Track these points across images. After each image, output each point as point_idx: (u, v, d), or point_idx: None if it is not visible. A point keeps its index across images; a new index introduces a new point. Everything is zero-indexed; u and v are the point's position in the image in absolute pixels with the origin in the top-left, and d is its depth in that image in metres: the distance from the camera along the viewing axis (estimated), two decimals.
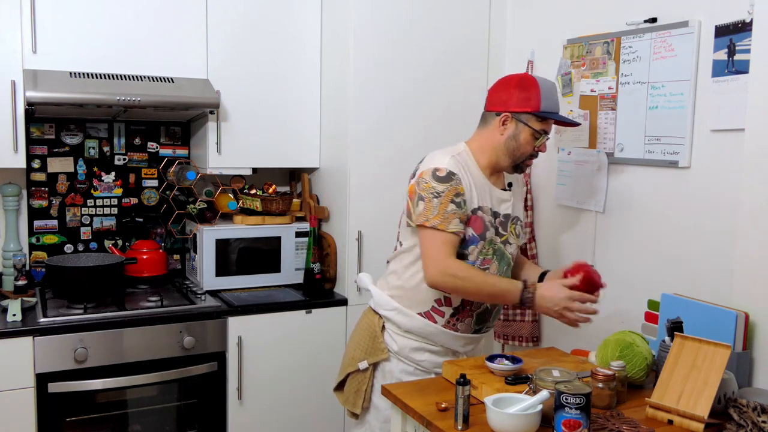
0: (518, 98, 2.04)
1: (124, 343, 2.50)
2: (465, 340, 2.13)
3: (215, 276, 2.91)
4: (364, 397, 2.12)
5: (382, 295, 2.16)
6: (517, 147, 2.05)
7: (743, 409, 1.64)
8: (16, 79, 2.55)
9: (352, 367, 2.17)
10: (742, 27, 2.04)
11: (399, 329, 2.12)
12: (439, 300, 2.07)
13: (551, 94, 2.06)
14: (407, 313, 2.09)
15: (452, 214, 1.95)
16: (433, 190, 1.97)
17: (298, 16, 3.01)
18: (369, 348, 2.14)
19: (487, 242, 2.05)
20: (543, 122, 2.04)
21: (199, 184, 3.05)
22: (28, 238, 2.95)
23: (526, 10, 2.98)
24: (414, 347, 2.11)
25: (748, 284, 1.90)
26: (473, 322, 2.11)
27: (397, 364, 2.12)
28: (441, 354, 2.13)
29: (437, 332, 2.09)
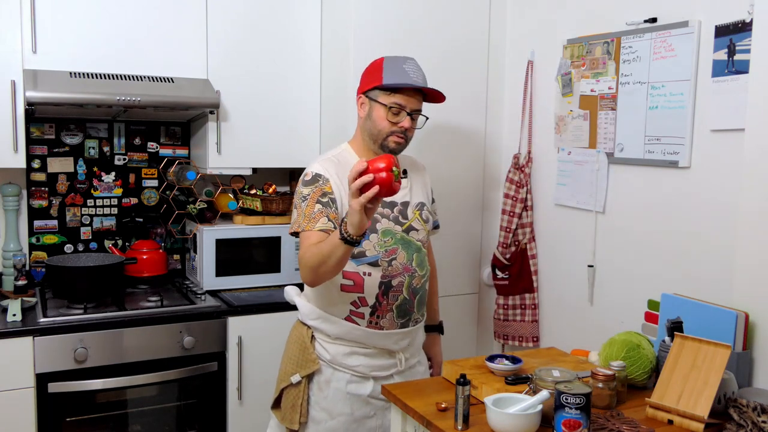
0: (366, 78, 2.09)
1: (124, 343, 2.50)
2: (396, 337, 2.09)
3: (215, 276, 2.91)
4: (300, 412, 2.09)
5: (306, 305, 2.14)
6: (373, 125, 2.06)
7: (743, 409, 1.64)
8: (16, 79, 2.55)
9: (285, 381, 2.14)
10: (742, 27, 2.04)
11: (328, 337, 2.09)
12: (354, 302, 2.05)
13: (399, 66, 2.06)
14: (332, 320, 2.07)
15: (319, 213, 1.96)
16: (300, 195, 2.02)
17: (298, 16, 3.01)
18: (300, 360, 2.11)
19: (381, 233, 2.04)
20: (392, 95, 2.03)
21: (199, 184, 3.05)
22: (28, 238, 2.95)
23: (526, 10, 2.98)
24: (346, 353, 2.08)
25: (748, 284, 1.90)
26: (395, 316, 2.07)
27: (332, 373, 2.09)
28: (376, 356, 2.10)
29: (364, 334, 2.06)
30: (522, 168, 2.93)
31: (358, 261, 2.03)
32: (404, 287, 2.07)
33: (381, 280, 2.04)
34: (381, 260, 2.04)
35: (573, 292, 2.74)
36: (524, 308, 2.94)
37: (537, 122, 2.92)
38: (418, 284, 2.10)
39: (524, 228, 2.92)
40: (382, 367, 2.11)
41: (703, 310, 1.95)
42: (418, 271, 2.10)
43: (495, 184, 3.11)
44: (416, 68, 2.10)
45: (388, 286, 2.05)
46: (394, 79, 2.04)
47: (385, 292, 2.04)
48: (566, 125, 2.73)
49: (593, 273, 2.64)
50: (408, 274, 2.07)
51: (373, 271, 2.04)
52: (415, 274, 2.09)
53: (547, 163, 2.86)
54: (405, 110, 2.04)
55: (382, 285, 2.04)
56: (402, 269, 2.06)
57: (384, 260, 2.04)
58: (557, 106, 2.78)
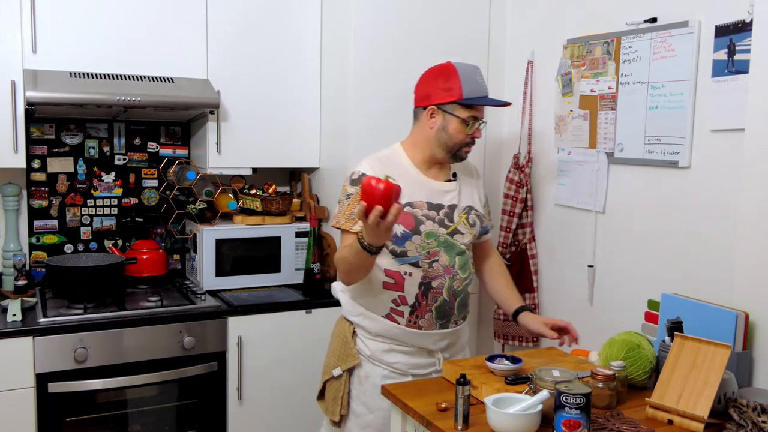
0: (441, 90, 2.06)
1: (124, 343, 2.50)
2: (434, 337, 2.11)
3: (215, 276, 2.91)
4: (341, 404, 2.13)
5: (349, 302, 2.17)
6: (449, 138, 2.07)
7: (743, 409, 1.64)
8: (16, 79, 2.55)
9: (327, 374, 2.18)
10: (742, 27, 2.04)
11: (369, 333, 2.13)
12: (395, 300, 2.07)
13: (473, 78, 2.07)
14: (373, 317, 2.11)
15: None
16: (345, 193, 2.06)
17: (298, 16, 3.01)
18: (341, 355, 2.16)
19: (425, 236, 2.05)
20: (469, 109, 2.06)
21: (199, 184, 3.05)
22: (28, 238, 2.95)
23: (526, 10, 2.98)
24: (385, 349, 2.11)
25: (748, 284, 1.90)
26: (434, 317, 2.09)
27: (371, 368, 2.12)
28: (414, 354, 2.12)
29: (402, 333, 2.09)
30: (522, 168, 2.93)
31: (401, 260, 2.06)
32: (444, 289, 2.08)
33: (421, 281, 2.06)
34: (422, 261, 2.06)
35: (573, 292, 2.74)
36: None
37: (537, 122, 2.92)
38: (459, 287, 2.11)
39: (524, 228, 2.93)
40: (420, 365, 2.13)
41: (703, 310, 1.95)
42: (459, 273, 2.10)
43: (495, 184, 3.11)
44: (483, 79, 2.12)
45: (428, 287, 2.06)
46: (474, 93, 2.05)
47: (425, 292, 2.06)
48: (566, 125, 2.73)
49: (593, 273, 2.64)
50: (449, 277, 2.08)
51: (414, 272, 2.06)
52: (457, 276, 2.10)
53: (547, 163, 2.86)
54: (478, 120, 2.08)
55: (422, 285, 2.06)
56: (443, 271, 2.08)
57: (425, 261, 2.06)
58: (557, 106, 2.78)
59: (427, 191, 2.09)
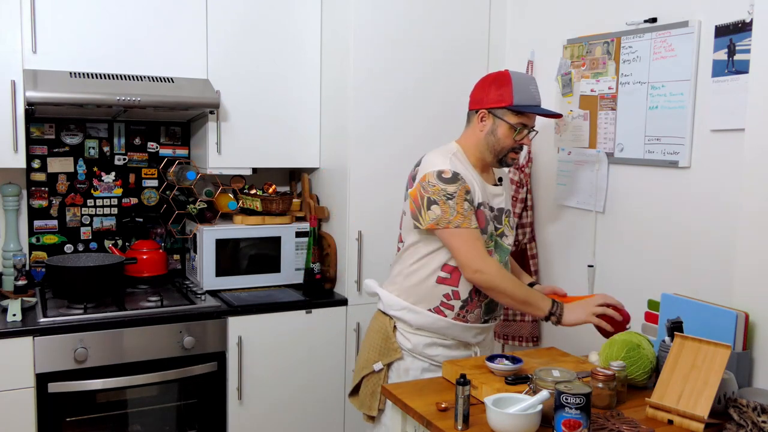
0: (493, 95, 2.11)
1: (124, 343, 2.50)
2: (476, 330, 2.17)
3: (215, 276, 2.91)
4: (380, 399, 2.15)
5: (390, 297, 2.19)
6: (497, 142, 2.12)
7: (743, 409, 1.63)
8: (16, 79, 2.55)
9: (367, 369, 2.19)
10: (742, 27, 2.04)
11: (411, 327, 2.15)
12: (447, 294, 2.11)
13: (526, 87, 2.11)
14: (417, 310, 2.13)
15: (470, 211, 2.03)
16: (444, 192, 2.03)
17: (298, 16, 3.01)
18: (382, 349, 2.18)
19: (488, 236, 2.11)
20: (519, 116, 2.10)
21: (199, 184, 3.05)
22: (28, 238, 2.95)
23: (526, 10, 2.98)
24: (427, 343, 2.14)
25: (748, 284, 1.90)
26: (482, 312, 2.15)
27: (412, 362, 2.15)
28: (454, 347, 2.17)
29: (448, 326, 2.13)
30: (522, 168, 2.93)
31: None
32: None
33: None
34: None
35: (573, 292, 2.73)
36: None
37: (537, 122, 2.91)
38: None
39: (524, 228, 2.92)
40: (458, 357, 2.16)
41: (703, 310, 1.95)
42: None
43: None
44: (538, 90, 2.16)
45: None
46: (525, 101, 2.10)
47: (478, 289, 2.10)
48: (566, 125, 2.73)
49: (593, 273, 2.64)
50: None
51: None
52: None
53: (547, 163, 2.86)
54: (529, 128, 2.13)
55: None
56: None
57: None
58: (557, 106, 2.77)
59: (485, 194, 2.14)
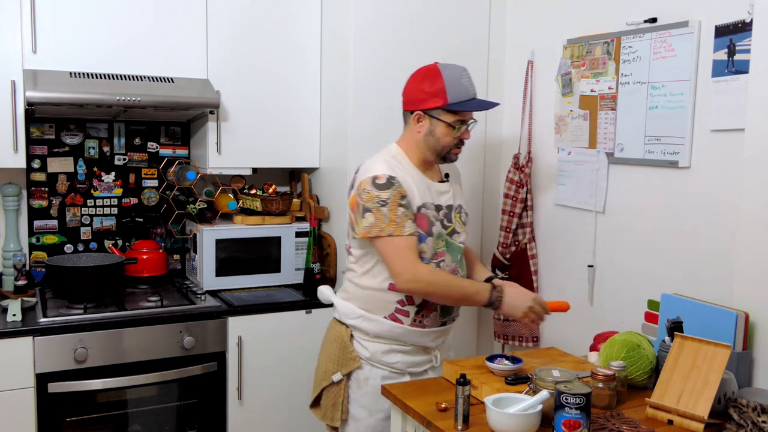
0: (426, 94, 2.05)
1: (124, 343, 2.50)
2: (434, 335, 2.13)
3: (215, 276, 2.91)
4: (341, 409, 2.12)
5: (345, 305, 2.16)
6: (436, 142, 2.07)
7: (743, 409, 1.64)
8: (16, 79, 2.55)
9: (326, 380, 2.16)
10: (742, 27, 2.04)
11: (368, 335, 2.11)
12: (401, 301, 2.07)
13: (458, 81, 2.04)
14: (373, 318, 2.09)
15: (404, 217, 1.98)
16: (377, 199, 1.98)
17: (298, 17, 3.01)
18: (340, 359, 2.14)
19: (435, 237, 2.06)
20: (455, 113, 2.05)
21: (199, 184, 3.05)
22: (28, 238, 2.95)
23: (526, 10, 2.98)
24: (385, 350, 2.10)
25: (748, 284, 1.90)
26: (439, 315, 2.12)
27: (371, 370, 2.11)
28: (413, 353, 2.13)
29: (405, 332, 2.09)
30: (522, 168, 2.93)
31: None
32: None
33: None
34: (431, 261, 2.06)
35: (573, 292, 2.74)
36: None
37: (537, 122, 2.92)
38: None
39: (524, 228, 2.92)
40: (417, 363, 2.14)
41: (703, 310, 1.95)
42: (460, 271, 2.14)
43: (495, 184, 3.11)
44: (471, 80, 2.10)
45: None
46: (459, 97, 2.03)
47: None
48: (566, 125, 2.73)
49: (593, 273, 2.64)
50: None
51: None
52: (458, 275, 2.12)
53: (547, 163, 2.86)
54: (468, 122, 2.09)
55: None
56: (449, 270, 2.09)
57: (433, 262, 2.06)
58: (557, 106, 2.78)
59: (430, 193, 2.10)
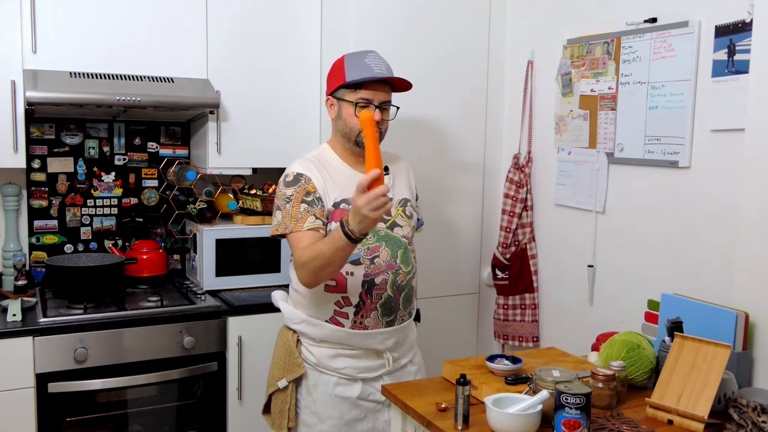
0: (331, 79, 2.10)
1: (124, 343, 2.50)
2: (380, 336, 2.08)
3: (215, 276, 2.91)
4: (288, 417, 2.09)
5: (290, 310, 2.14)
6: (344, 124, 2.07)
7: (743, 409, 1.64)
8: (16, 79, 2.54)
9: (272, 387, 2.15)
10: (742, 27, 2.04)
11: (313, 340, 2.10)
12: (338, 302, 2.05)
13: (360, 61, 2.05)
14: (315, 323, 2.07)
15: (305, 213, 1.98)
16: (284, 197, 2.02)
17: (298, 16, 3.01)
18: (286, 365, 2.12)
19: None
20: (357, 91, 2.03)
21: (199, 184, 3.05)
22: (28, 238, 2.95)
23: (526, 10, 2.98)
24: (331, 355, 2.08)
25: (748, 284, 1.90)
26: (380, 315, 2.07)
27: (319, 377, 2.09)
28: (362, 357, 2.09)
29: (348, 335, 2.05)
30: (522, 168, 2.93)
31: None
32: (388, 285, 2.06)
33: (363, 279, 2.04)
34: (363, 258, 2.04)
35: (573, 292, 2.74)
36: (524, 308, 2.94)
37: (537, 122, 2.92)
38: (403, 281, 2.10)
39: (524, 228, 2.93)
40: (369, 368, 2.10)
41: (703, 310, 1.95)
42: (402, 268, 2.09)
43: (495, 184, 3.11)
44: (378, 60, 2.08)
45: (371, 285, 2.04)
46: (357, 74, 2.03)
47: (369, 290, 2.04)
48: (566, 125, 2.73)
49: (593, 273, 2.64)
50: (392, 272, 2.07)
51: (356, 270, 2.04)
52: (400, 271, 2.09)
53: (547, 163, 2.86)
54: (373, 103, 2.04)
55: (365, 284, 2.04)
56: (386, 267, 2.06)
57: (366, 258, 2.04)
58: (557, 106, 2.78)
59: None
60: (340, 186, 2.06)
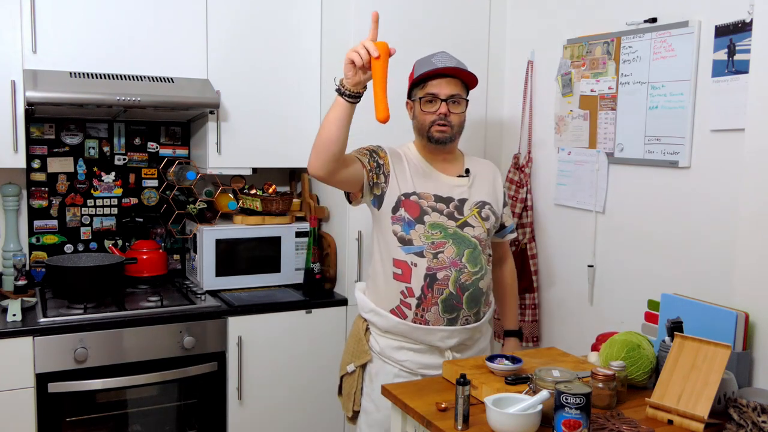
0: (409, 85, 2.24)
1: (124, 343, 2.50)
2: (441, 333, 2.10)
3: (215, 276, 2.91)
4: (354, 400, 2.16)
5: (362, 299, 2.21)
6: (418, 123, 2.19)
7: (743, 409, 1.63)
8: (16, 79, 2.55)
9: (342, 370, 2.23)
10: (742, 27, 2.04)
11: (380, 330, 2.16)
12: (402, 292, 2.09)
13: (428, 60, 2.18)
14: (381, 313, 2.13)
15: (361, 152, 2.14)
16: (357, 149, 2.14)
17: (298, 17, 3.01)
18: (355, 351, 2.19)
19: (429, 226, 2.09)
20: (423, 87, 2.15)
21: (199, 184, 3.05)
22: (28, 238, 2.95)
23: (526, 10, 2.98)
24: (394, 346, 2.13)
25: (748, 284, 1.90)
26: (440, 311, 2.09)
27: (382, 366, 2.14)
28: (424, 352, 2.13)
29: (410, 329, 2.10)
30: (522, 168, 2.93)
31: (406, 249, 2.09)
32: (450, 282, 2.08)
33: (426, 272, 2.08)
34: (426, 251, 2.08)
35: (573, 292, 2.74)
36: (524, 308, 2.94)
37: (537, 122, 2.92)
38: (467, 281, 2.11)
39: (524, 228, 2.92)
40: (430, 365, 2.13)
41: (703, 310, 1.95)
42: (468, 267, 2.11)
43: None
44: (445, 56, 2.18)
45: (433, 279, 2.08)
46: (421, 71, 2.15)
47: (430, 284, 2.08)
48: (566, 125, 2.73)
49: (593, 273, 2.64)
50: (456, 269, 2.09)
51: (419, 262, 2.08)
52: (464, 269, 2.10)
53: (547, 163, 2.86)
54: (439, 97, 2.13)
55: (428, 277, 2.08)
56: (449, 263, 2.08)
57: (429, 252, 2.08)
58: (557, 106, 2.78)
59: (435, 184, 2.14)
60: (416, 178, 2.14)
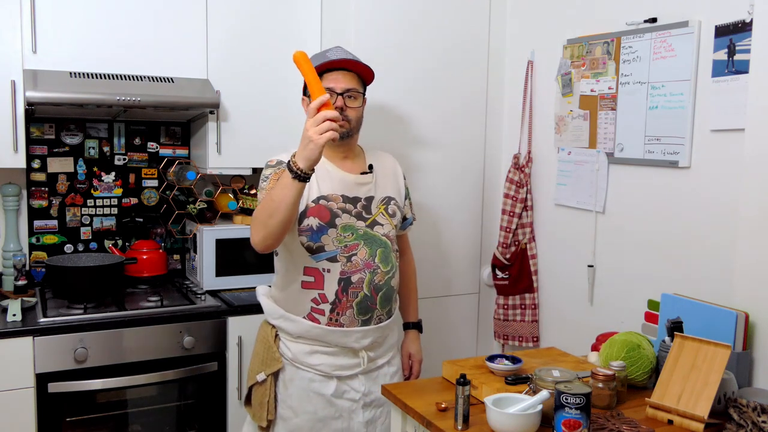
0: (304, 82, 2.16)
1: (124, 343, 2.50)
2: (356, 335, 2.08)
3: (215, 276, 2.91)
4: (267, 409, 2.11)
5: (270, 305, 2.16)
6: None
7: (743, 409, 1.64)
8: (16, 79, 2.54)
9: (252, 380, 2.17)
10: (742, 27, 2.04)
11: (290, 336, 2.11)
12: (314, 299, 2.06)
13: (323, 55, 2.13)
14: (293, 318, 2.09)
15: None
16: (262, 178, 2.08)
17: (298, 17, 3.01)
18: (264, 359, 2.14)
19: (341, 229, 2.05)
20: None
21: (199, 184, 3.05)
22: (28, 238, 2.95)
23: (526, 10, 2.98)
24: (307, 351, 2.09)
25: (748, 284, 1.90)
26: (356, 313, 2.06)
27: (295, 372, 2.11)
28: (338, 354, 2.10)
29: (324, 332, 2.06)
30: (522, 168, 2.93)
31: (318, 257, 2.04)
32: (365, 284, 2.06)
33: (340, 277, 2.04)
34: (340, 255, 2.04)
35: (573, 292, 2.74)
36: (524, 308, 2.94)
37: (537, 122, 2.92)
38: (381, 281, 2.09)
39: (524, 228, 2.93)
40: (344, 366, 2.11)
41: (703, 310, 1.95)
42: (381, 267, 2.09)
43: (495, 184, 3.11)
44: (339, 50, 2.13)
45: (347, 283, 2.05)
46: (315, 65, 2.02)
47: (345, 288, 2.04)
48: (566, 125, 2.73)
49: (593, 273, 2.64)
50: (369, 271, 2.07)
51: (332, 267, 2.04)
52: (378, 270, 2.08)
53: (547, 163, 2.86)
54: (335, 91, 2.06)
55: (342, 281, 2.04)
56: (363, 265, 2.06)
57: (343, 256, 2.04)
58: (557, 106, 2.78)
59: (341, 184, 2.09)
60: (320, 181, 2.07)
